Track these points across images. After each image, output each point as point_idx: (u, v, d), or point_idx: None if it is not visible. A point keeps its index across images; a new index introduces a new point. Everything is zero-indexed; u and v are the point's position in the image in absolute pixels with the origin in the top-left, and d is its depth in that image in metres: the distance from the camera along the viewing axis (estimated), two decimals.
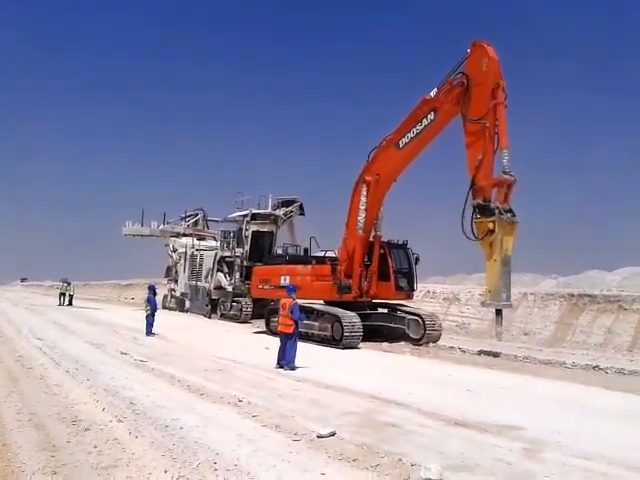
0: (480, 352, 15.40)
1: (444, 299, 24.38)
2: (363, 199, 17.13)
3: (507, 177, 13.95)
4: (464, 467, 5.65)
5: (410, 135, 15.83)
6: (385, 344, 16.45)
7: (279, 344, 11.97)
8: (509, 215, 13.99)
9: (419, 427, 7.17)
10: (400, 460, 5.79)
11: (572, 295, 20.12)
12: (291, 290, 12.65)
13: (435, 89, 15.37)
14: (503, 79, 14.23)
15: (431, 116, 15.35)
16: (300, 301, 17.70)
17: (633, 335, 17.08)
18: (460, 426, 7.26)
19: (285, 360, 11.64)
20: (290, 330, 11.75)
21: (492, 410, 8.20)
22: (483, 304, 15.70)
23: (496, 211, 13.80)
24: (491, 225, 13.83)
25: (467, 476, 5.39)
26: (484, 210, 14.08)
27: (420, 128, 15.59)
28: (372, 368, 12.67)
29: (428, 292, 24.68)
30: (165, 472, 5.44)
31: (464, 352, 15.96)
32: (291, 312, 11.81)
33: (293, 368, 11.48)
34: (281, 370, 11.41)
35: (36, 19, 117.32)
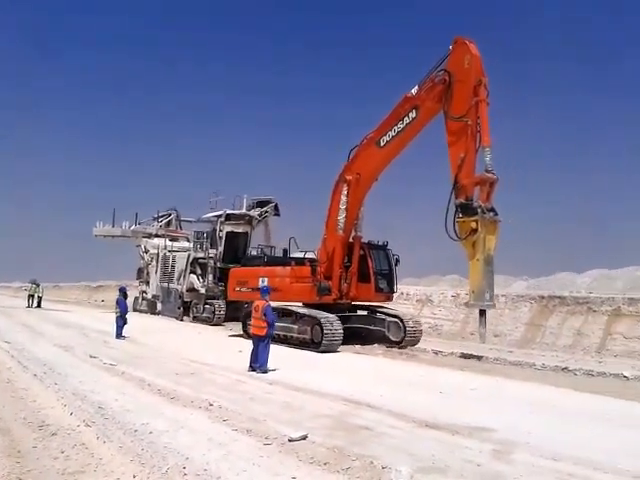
0: (463, 355, 15.39)
1: (417, 301, 24.57)
2: (343, 198, 16.92)
3: (489, 176, 13.92)
4: (435, 469, 5.66)
5: (391, 133, 15.70)
6: (358, 346, 16.43)
7: (252, 347, 11.87)
8: (491, 214, 13.98)
9: (390, 429, 7.18)
10: (371, 463, 5.78)
11: (542, 297, 20.43)
12: (265, 292, 12.54)
13: (416, 87, 15.26)
14: (485, 76, 14.21)
15: (413, 114, 15.23)
16: (279, 303, 17.72)
17: (602, 337, 17.40)
18: (431, 428, 7.29)
19: (258, 363, 11.54)
20: (263, 332, 11.65)
21: (463, 412, 8.26)
22: (467, 305, 15.76)
23: (479, 210, 13.77)
24: (474, 224, 13.80)
25: (437, 478, 5.40)
26: (467, 209, 14.06)
27: (401, 126, 15.46)
28: (345, 370, 12.68)
29: (402, 294, 24.76)
30: (134, 477, 5.36)
31: (436, 354, 16.07)
32: (264, 314, 11.69)
33: (265, 371, 11.41)
34: (253, 373, 11.33)
35: (35, 19, 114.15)
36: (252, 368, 11.56)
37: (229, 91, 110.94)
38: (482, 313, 14.25)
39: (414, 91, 15.27)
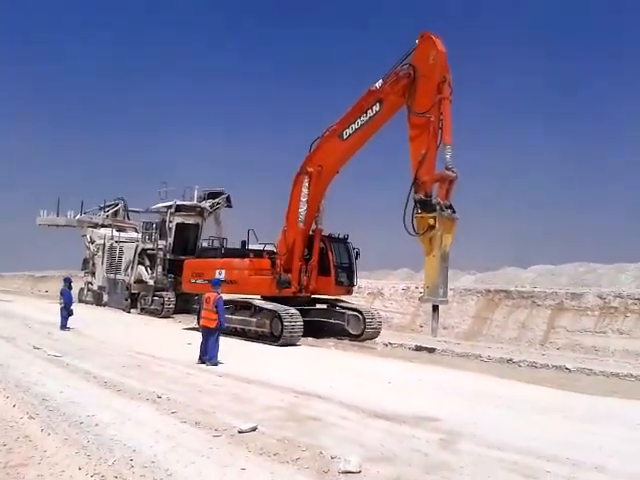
0: (417, 348, 15.61)
1: (369, 294, 24.77)
2: (305, 191, 16.74)
3: (449, 173, 14.02)
4: (383, 458, 5.74)
5: (354, 126, 15.61)
6: (311, 339, 16.44)
7: (201, 339, 11.75)
8: (449, 211, 14.13)
9: (340, 420, 7.24)
10: (321, 453, 5.81)
11: (489, 291, 20.92)
12: (216, 284, 12.47)
13: (380, 80, 15.17)
14: (450, 73, 14.21)
15: (376, 107, 15.19)
16: (237, 296, 17.57)
17: (545, 330, 17.95)
18: (380, 418, 7.38)
19: (208, 356, 11.43)
20: (213, 325, 11.52)
21: (411, 402, 8.40)
22: (421, 299, 15.91)
23: (437, 207, 13.89)
24: (432, 221, 13.91)
25: (385, 467, 5.47)
26: (425, 205, 14.16)
27: (365, 119, 15.40)
28: (296, 363, 12.70)
29: None
30: (79, 469, 5.25)
31: (386, 346, 16.28)
32: (215, 306, 11.57)
33: (216, 364, 11.30)
34: (202, 365, 11.21)
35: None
36: (202, 360, 11.45)
37: (184, 75, 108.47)
38: (435, 308, 14.45)
39: (378, 84, 15.19)
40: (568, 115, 79.37)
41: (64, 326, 17.09)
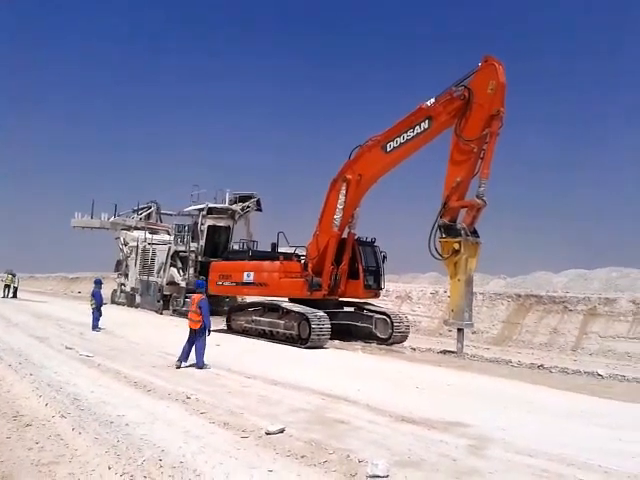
0: (443, 352, 15.50)
1: (397, 297, 24.68)
2: (342, 198, 16.65)
3: (479, 202, 14.25)
4: (410, 463, 5.70)
5: (400, 140, 15.48)
6: (337, 342, 16.42)
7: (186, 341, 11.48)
8: (474, 236, 14.33)
9: (368, 423, 7.22)
10: (348, 456, 5.80)
11: (519, 295, 20.66)
12: (201, 285, 12.72)
13: (433, 98, 15.00)
14: (504, 107, 14.01)
15: (425, 124, 15.03)
16: (265, 298, 17.68)
17: (577, 336, 17.65)
18: (408, 422, 7.34)
19: (196, 360, 11.18)
20: (198, 326, 11.35)
21: (439, 407, 8.33)
22: (446, 323, 16.07)
23: (462, 232, 14.13)
24: (457, 245, 14.18)
25: (413, 472, 5.44)
26: (450, 230, 14.44)
27: (412, 135, 15.26)
28: (323, 365, 12.69)
29: None
30: (109, 469, 5.33)
31: (414, 350, 16.17)
32: (199, 307, 11.40)
33: (202, 367, 11.09)
34: (231, 367, 11.26)
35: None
36: (179, 364, 11.13)
37: (211, 82, 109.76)
38: (460, 331, 14.59)
39: (430, 102, 15.02)
40: (596, 118, 77.93)
41: (95, 327, 17.37)
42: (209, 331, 11.48)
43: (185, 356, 11.31)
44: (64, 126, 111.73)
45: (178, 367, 11.06)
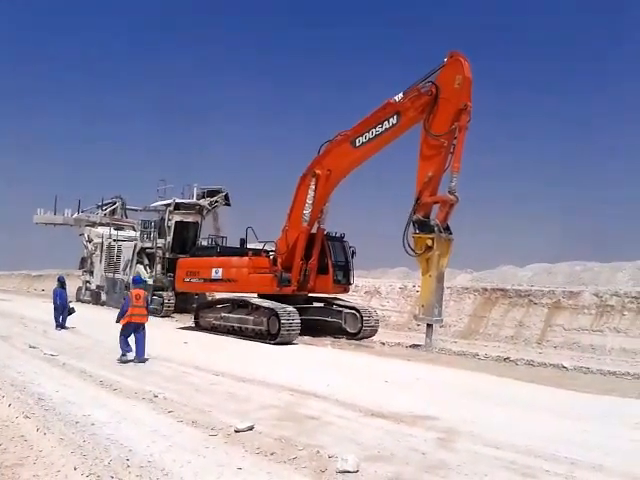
0: (413, 346, 15.57)
1: (366, 292, 24.78)
2: (311, 193, 16.59)
3: (452, 197, 14.36)
4: (380, 457, 5.72)
5: (368, 135, 15.48)
6: (307, 337, 16.42)
7: (123, 334, 11.40)
8: (447, 233, 14.47)
9: (337, 419, 7.22)
10: (318, 452, 5.79)
11: (485, 289, 20.96)
12: (139, 281, 13.22)
13: (401, 94, 15.02)
14: (471, 101, 14.16)
15: (393, 120, 15.06)
16: (233, 295, 17.57)
17: (542, 329, 17.98)
18: (377, 417, 7.36)
19: (140, 353, 11.34)
20: (146, 320, 11.61)
21: (408, 401, 8.38)
22: (416, 318, 16.18)
23: (435, 228, 14.25)
24: (429, 242, 14.30)
25: (383, 466, 5.45)
26: (424, 226, 14.54)
27: (380, 130, 15.27)
28: (293, 361, 12.68)
29: None
30: (75, 469, 5.22)
31: (383, 344, 16.27)
32: (146, 301, 11.72)
33: (144, 361, 11.24)
34: (198, 364, 11.16)
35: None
36: (126, 353, 11.30)
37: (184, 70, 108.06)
38: (429, 326, 14.74)
39: (398, 98, 15.05)
40: (569, 115, 79.46)
41: (59, 326, 17.03)
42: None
43: (128, 346, 11.37)
44: (25, 118, 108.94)
45: (125, 362, 11.15)
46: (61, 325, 17.05)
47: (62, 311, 17.33)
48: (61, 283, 18.35)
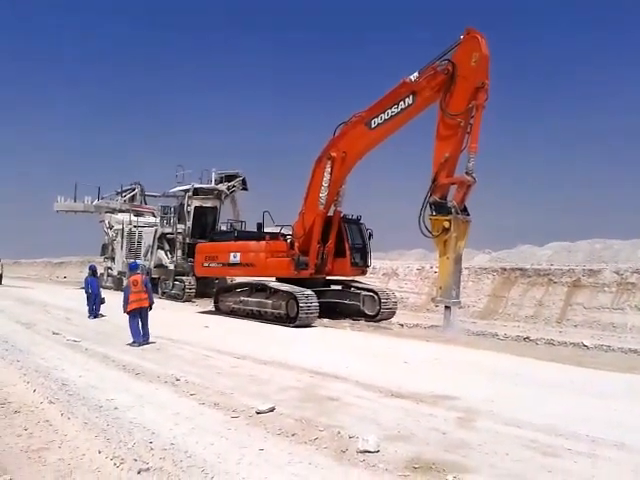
0: (432, 327, 15.55)
1: (383, 274, 24.75)
2: (327, 176, 16.49)
3: (469, 178, 14.07)
4: (400, 437, 5.75)
5: (384, 116, 15.24)
6: (326, 320, 16.49)
7: (131, 321, 11.74)
8: (464, 214, 14.25)
9: (357, 399, 7.26)
10: (339, 433, 5.84)
11: (504, 269, 20.80)
12: (135, 267, 13.29)
13: (416, 73, 14.74)
14: (489, 79, 13.86)
15: (409, 100, 14.79)
16: (252, 279, 17.68)
17: (562, 307, 17.84)
18: (397, 397, 7.39)
19: (145, 336, 11.75)
20: (147, 303, 11.90)
21: (428, 381, 8.39)
22: (433, 300, 16.05)
23: (452, 210, 14.01)
24: (447, 224, 14.04)
25: (403, 446, 5.48)
26: (441, 208, 14.30)
27: (396, 110, 15.02)
28: (312, 343, 12.75)
29: None
30: (99, 453, 5.31)
31: (402, 326, 16.29)
32: (145, 286, 11.92)
33: (148, 342, 11.69)
34: (220, 348, 11.28)
35: None
36: (138, 342, 11.58)
37: (197, 60, 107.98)
38: (448, 308, 14.57)
39: (413, 77, 14.78)
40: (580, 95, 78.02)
41: (93, 314, 16.90)
42: (151, 306, 12.11)
43: (138, 334, 11.66)
44: (44, 108, 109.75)
45: (139, 344, 11.52)
46: (95, 314, 16.96)
47: (94, 299, 17.21)
48: (92, 271, 18.26)
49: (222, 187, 26.25)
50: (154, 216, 30.10)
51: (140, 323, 11.73)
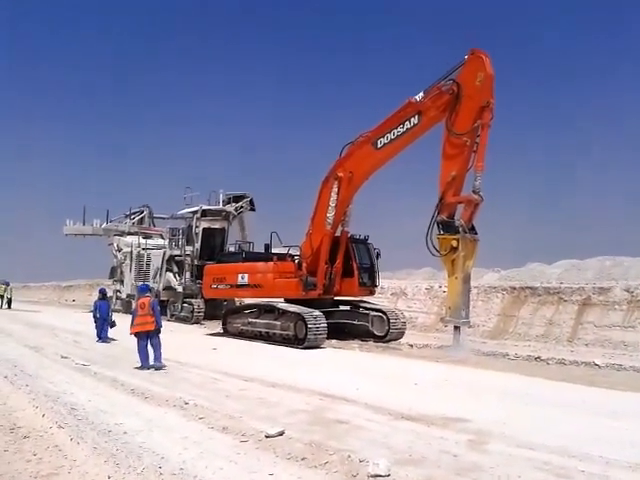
0: (441, 347, 15.44)
1: (392, 294, 24.67)
2: (334, 196, 16.55)
3: (476, 197, 14.08)
4: (411, 461, 5.69)
5: (390, 136, 15.34)
6: (334, 341, 16.40)
7: (139, 345, 11.60)
8: (472, 233, 14.23)
9: (367, 422, 7.20)
10: (349, 457, 5.77)
11: (514, 288, 20.68)
12: (145, 289, 12.93)
13: (422, 93, 14.87)
14: (494, 98, 13.96)
15: (415, 120, 14.90)
16: (259, 300, 17.64)
17: (572, 326, 17.69)
18: (407, 420, 7.32)
19: (156, 361, 11.50)
20: (153, 327, 11.61)
21: (438, 403, 8.32)
22: (443, 320, 15.99)
23: (460, 229, 14.00)
24: (455, 243, 14.03)
25: (414, 470, 5.42)
26: (448, 227, 14.32)
27: (401, 130, 15.12)
28: (321, 365, 12.69)
29: None
30: (108, 478, 5.27)
31: (411, 346, 16.18)
32: (152, 309, 11.68)
33: (160, 368, 11.35)
34: (228, 370, 11.24)
35: None
36: (146, 367, 11.42)
37: (197, 90, 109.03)
38: (457, 328, 14.49)
39: (419, 97, 14.89)
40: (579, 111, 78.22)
41: (100, 338, 16.79)
42: (159, 329, 11.82)
43: (146, 358, 11.51)
44: (51, 132, 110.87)
45: (148, 369, 11.36)
46: (102, 338, 16.82)
47: (102, 323, 17.11)
48: (103, 295, 18.22)
49: (230, 208, 26.32)
50: (162, 238, 30.25)
51: (151, 347, 11.61)
